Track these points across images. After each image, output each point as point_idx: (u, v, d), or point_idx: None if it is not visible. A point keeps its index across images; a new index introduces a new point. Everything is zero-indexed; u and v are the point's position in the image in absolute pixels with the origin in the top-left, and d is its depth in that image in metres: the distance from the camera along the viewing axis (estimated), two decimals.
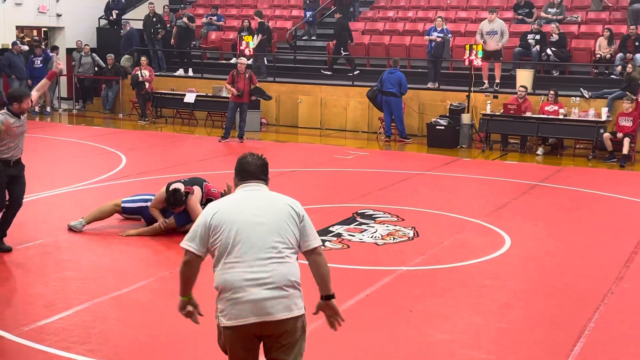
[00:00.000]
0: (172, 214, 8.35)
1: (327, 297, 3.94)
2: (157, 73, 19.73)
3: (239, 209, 3.81)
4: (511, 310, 6.43)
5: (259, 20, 19.38)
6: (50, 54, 19.41)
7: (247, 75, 15.37)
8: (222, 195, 8.82)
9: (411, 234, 8.70)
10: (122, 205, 8.66)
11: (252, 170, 3.95)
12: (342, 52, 18.90)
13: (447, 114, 16.04)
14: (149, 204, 8.53)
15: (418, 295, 6.72)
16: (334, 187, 11.44)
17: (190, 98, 18.40)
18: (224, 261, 3.74)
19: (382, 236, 8.57)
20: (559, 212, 10.10)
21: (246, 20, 19.94)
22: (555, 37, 17.02)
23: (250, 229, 3.74)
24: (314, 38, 21.61)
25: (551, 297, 6.75)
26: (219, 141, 15.36)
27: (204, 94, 18.50)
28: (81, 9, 22.23)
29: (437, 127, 15.67)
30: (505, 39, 16.73)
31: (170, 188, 8.23)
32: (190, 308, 3.96)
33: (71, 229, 8.35)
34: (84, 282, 6.85)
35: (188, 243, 3.83)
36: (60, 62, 8.48)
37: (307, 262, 3.93)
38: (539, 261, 7.86)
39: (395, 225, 9.04)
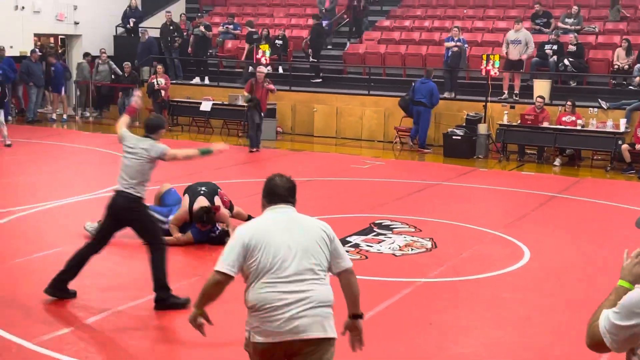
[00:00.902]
0: (189, 228, 8.34)
1: (355, 317, 3.96)
2: (173, 81, 19.80)
3: (273, 230, 3.81)
4: (532, 324, 6.37)
5: (249, 29, 19.69)
6: (58, 65, 19.49)
7: (265, 84, 15.39)
8: (231, 204, 8.85)
9: (429, 245, 8.66)
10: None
11: (280, 193, 3.94)
12: (311, 58, 19.45)
13: (464, 124, 15.99)
14: (162, 218, 8.45)
15: (437, 307, 6.68)
16: (351, 196, 11.42)
17: (206, 106, 18.45)
18: (259, 281, 3.74)
19: (400, 247, 8.54)
20: (578, 224, 10.02)
21: (265, 29, 20.04)
22: (572, 48, 16.94)
23: (286, 251, 3.75)
24: (329, 47, 21.62)
25: (573, 311, 6.67)
26: (250, 151, 15.30)
27: (220, 102, 18.54)
28: (99, 17, 22.35)
29: (454, 137, 15.62)
30: (530, 50, 16.64)
31: (200, 206, 8.30)
32: (201, 320, 3.96)
33: (87, 231, 8.12)
34: (103, 291, 6.86)
35: (223, 264, 3.79)
36: (139, 96, 7.65)
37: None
38: (559, 274, 7.80)
39: (413, 236, 9.00)
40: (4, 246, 8.23)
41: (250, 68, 15.60)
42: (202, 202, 8.45)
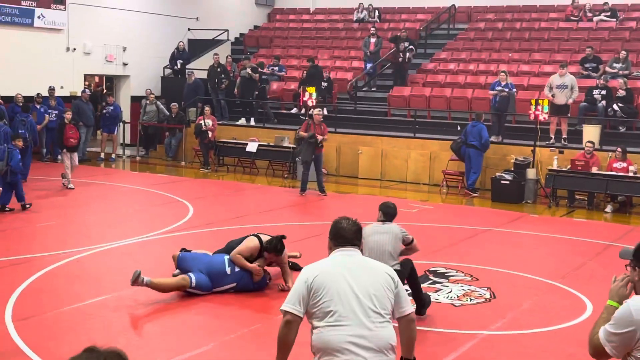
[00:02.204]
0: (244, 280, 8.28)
1: None
2: (220, 122, 20.02)
3: (339, 273, 3.89)
4: None
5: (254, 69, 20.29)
6: (116, 104, 19.91)
7: (322, 127, 15.42)
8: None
9: (488, 295, 8.53)
10: (192, 283, 8.04)
11: (347, 235, 4.06)
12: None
13: (512, 169, 15.86)
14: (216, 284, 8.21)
15: None
16: None
17: (252, 147, 18.60)
18: (324, 323, 3.80)
19: (458, 297, 8.43)
20: None
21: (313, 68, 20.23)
22: (622, 93, 16.79)
23: (352, 294, 3.81)
24: (374, 89, 21.75)
25: None
26: (300, 194, 15.25)
27: (266, 144, 18.68)
28: (147, 58, 22.82)
29: (502, 182, 15.49)
30: (575, 94, 16.53)
31: (272, 237, 8.34)
32: None
33: (137, 278, 7.71)
34: (164, 337, 6.85)
35: (289, 305, 3.90)
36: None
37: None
38: None
39: (470, 285, 8.88)
40: (62, 289, 8.29)
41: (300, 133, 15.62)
42: (265, 237, 8.45)
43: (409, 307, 3.98)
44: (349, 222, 4.09)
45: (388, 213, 7.67)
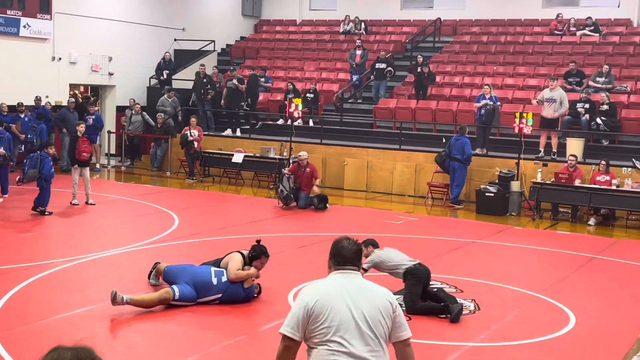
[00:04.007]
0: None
1: None
2: (206, 133, 20.02)
3: (340, 297, 3.81)
4: None
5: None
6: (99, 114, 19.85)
7: (307, 169, 15.28)
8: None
9: (472, 307, 8.58)
10: (175, 295, 8.01)
11: (347, 255, 3.96)
12: (246, 107, 20.28)
13: (496, 181, 15.97)
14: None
15: None
16: None
17: (238, 158, 18.61)
18: (323, 348, 3.74)
19: None
20: (619, 287, 9.89)
21: (290, 84, 20.33)
22: (605, 107, 16.97)
23: (352, 320, 3.75)
24: (360, 101, 21.85)
25: None
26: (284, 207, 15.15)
27: (252, 155, 18.70)
28: (133, 68, 22.79)
29: (487, 194, 15.60)
30: (563, 109, 16.63)
31: (252, 245, 8.43)
32: None
33: (114, 298, 7.62)
34: (150, 349, 6.84)
35: (288, 329, 3.80)
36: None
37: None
38: (607, 340, 7.68)
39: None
40: (48, 300, 8.26)
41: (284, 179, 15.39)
42: (243, 251, 8.49)
43: (407, 332, 3.92)
44: (349, 242, 4.00)
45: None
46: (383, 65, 20.71)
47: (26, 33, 19.94)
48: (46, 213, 13.01)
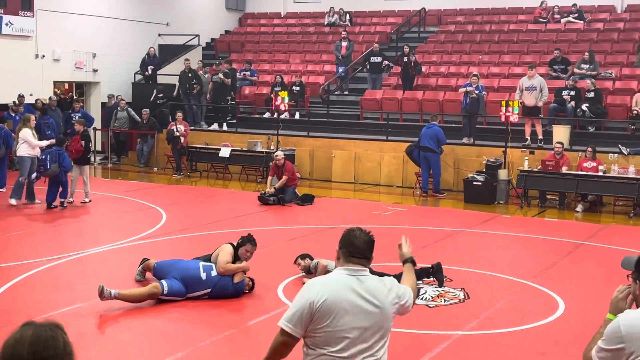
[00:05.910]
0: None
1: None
2: (192, 127, 19.93)
3: (347, 300, 3.64)
4: None
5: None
6: (84, 110, 19.74)
7: (285, 168, 14.99)
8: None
9: (462, 296, 8.59)
10: (164, 290, 7.98)
11: (359, 245, 3.78)
12: (229, 100, 20.20)
13: (484, 170, 15.99)
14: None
15: None
16: (377, 244, 11.31)
17: (225, 152, 18.55)
18: (323, 351, 3.62)
19: (432, 297, 8.48)
20: (608, 273, 9.91)
21: (278, 76, 20.26)
22: (591, 94, 17.02)
23: (357, 326, 3.62)
24: (346, 93, 21.81)
25: None
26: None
27: (239, 149, 18.65)
28: (117, 64, 22.67)
29: (474, 183, 15.62)
30: (544, 97, 16.66)
31: (241, 236, 8.42)
32: None
33: (102, 292, 7.62)
34: (140, 345, 6.80)
35: (289, 325, 3.62)
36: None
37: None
38: (596, 326, 7.61)
39: (444, 286, 8.94)
40: (35, 298, 8.20)
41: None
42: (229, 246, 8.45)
43: (410, 298, 3.88)
44: (362, 232, 3.82)
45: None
46: (379, 59, 20.61)
47: (8, 31, 19.77)
48: (65, 205, 13.62)
